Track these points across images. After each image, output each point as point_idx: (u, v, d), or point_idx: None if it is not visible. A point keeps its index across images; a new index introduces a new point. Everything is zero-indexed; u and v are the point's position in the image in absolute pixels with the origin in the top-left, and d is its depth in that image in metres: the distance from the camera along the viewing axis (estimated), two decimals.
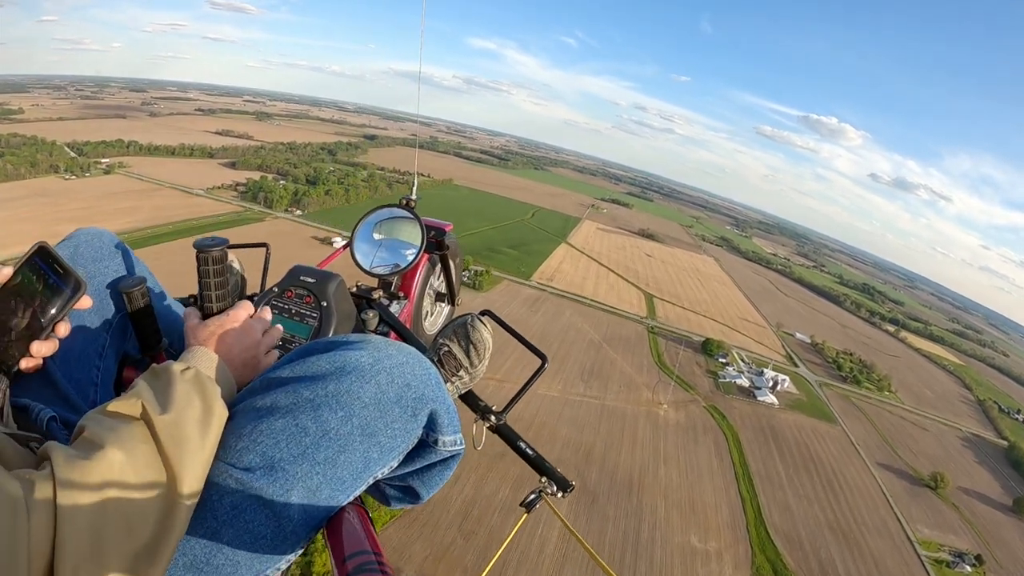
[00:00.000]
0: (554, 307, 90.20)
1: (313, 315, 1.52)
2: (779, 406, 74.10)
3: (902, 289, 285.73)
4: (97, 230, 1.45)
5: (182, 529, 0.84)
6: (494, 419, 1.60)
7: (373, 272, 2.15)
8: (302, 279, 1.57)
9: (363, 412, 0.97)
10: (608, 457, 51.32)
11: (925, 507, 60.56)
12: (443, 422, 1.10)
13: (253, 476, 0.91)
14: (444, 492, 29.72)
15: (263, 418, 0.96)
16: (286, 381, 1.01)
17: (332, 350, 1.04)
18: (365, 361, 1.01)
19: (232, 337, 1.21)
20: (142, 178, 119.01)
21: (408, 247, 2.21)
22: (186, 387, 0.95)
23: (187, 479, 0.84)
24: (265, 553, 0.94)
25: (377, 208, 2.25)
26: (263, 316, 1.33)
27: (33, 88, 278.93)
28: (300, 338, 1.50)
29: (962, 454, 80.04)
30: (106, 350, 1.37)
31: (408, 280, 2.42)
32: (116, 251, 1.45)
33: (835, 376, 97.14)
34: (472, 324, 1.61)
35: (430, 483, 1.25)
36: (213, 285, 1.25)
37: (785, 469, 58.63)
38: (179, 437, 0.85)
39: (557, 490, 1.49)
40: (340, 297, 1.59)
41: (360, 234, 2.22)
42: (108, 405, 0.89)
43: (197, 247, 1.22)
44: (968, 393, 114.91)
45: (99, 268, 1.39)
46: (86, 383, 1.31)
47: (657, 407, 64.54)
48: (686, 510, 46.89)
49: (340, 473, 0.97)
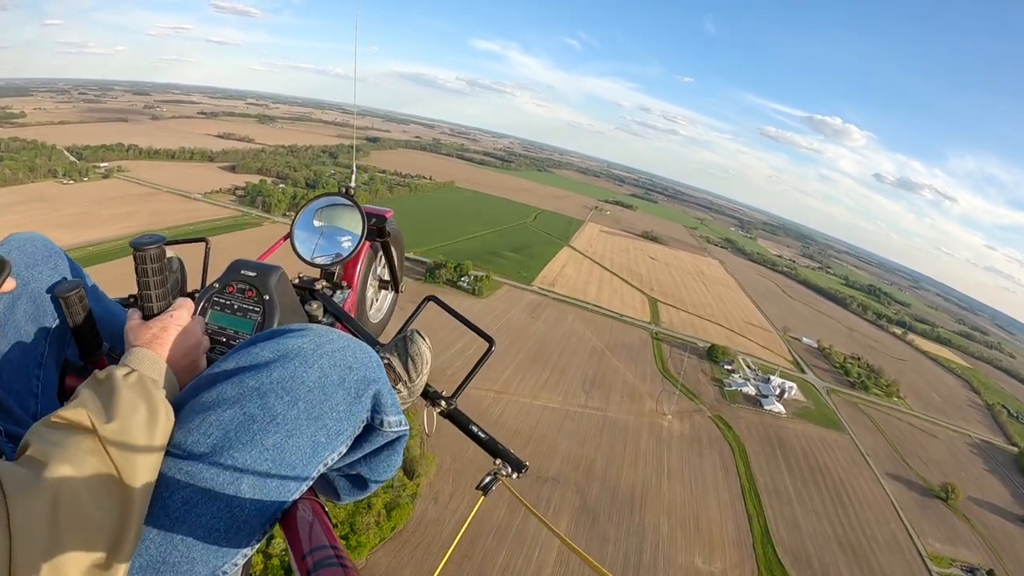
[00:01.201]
0: (556, 313, 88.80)
1: (256, 309, 1.49)
2: (786, 415, 72.52)
3: (907, 290, 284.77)
4: (29, 234, 1.41)
5: (137, 535, 0.84)
6: (444, 404, 1.65)
7: (314, 262, 2.13)
8: (243, 273, 1.53)
9: (308, 396, 0.98)
10: (609, 472, 49.80)
11: (936, 519, 59.05)
12: (387, 403, 1.12)
13: (203, 467, 0.91)
14: (437, 513, 28.23)
15: (210, 410, 0.96)
16: (231, 373, 1.01)
17: (274, 338, 1.06)
18: (307, 346, 1.02)
19: (173, 338, 1.20)
20: (140, 182, 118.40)
21: (349, 235, 2.18)
22: (130, 392, 0.94)
23: (139, 486, 0.84)
24: (221, 547, 0.93)
25: (316, 196, 2.23)
26: (202, 317, 1.36)
27: (36, 92, 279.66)
28: (244, 333, 1.48)
29: (972, 462, 78.56)
30: (45, 359, 1.35)
31: (350, 269, 2.42)
32: (50, 255, 1.41)
33: (843, 382, 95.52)
34: (411, 338, 1.63)
35: (378, 469, 1.25)
36: (152, 284, 1.23)
37: (793, 482, 57.09)
38: (126, 444, 0.85)
39: (512, 471, 1.53)
40: (282, 289, 1.56)
41: (300, 223, 2.18)
42: (52, 417, 0.87)
43: (133, 246, 1.21)
44: (976, 397, 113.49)
45: (33, 274, 1.36)
46: (27, 394, 1.30)
47: (661, 418, 63.06)
48: (690, 528, 45.38)
49: (290, 458, 0.97)
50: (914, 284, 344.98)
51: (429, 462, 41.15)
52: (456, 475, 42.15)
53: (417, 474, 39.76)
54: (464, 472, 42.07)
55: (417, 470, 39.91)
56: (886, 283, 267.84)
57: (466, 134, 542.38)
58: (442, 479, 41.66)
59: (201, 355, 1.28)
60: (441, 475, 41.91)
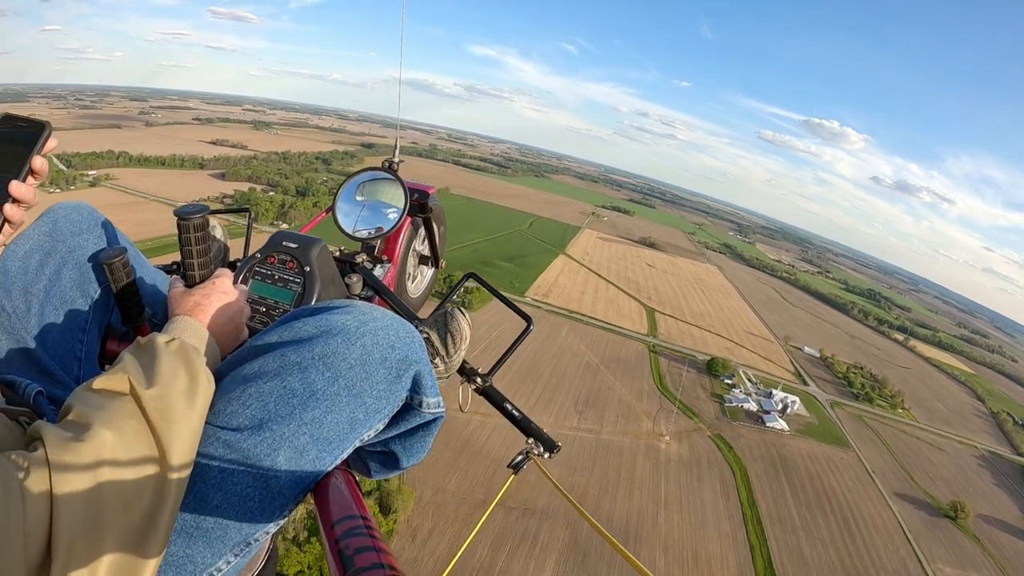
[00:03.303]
0: (549, 326, 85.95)
1: (296, 280, 1.51)
2: (789, 432, 69.99)
3: (907, 293, 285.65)
4: (76, 203, 1.43)
5: (177, 501, 0.85)
6: (480, 381, 1.68)
7: (355, 236, 2.15)
8: (284, 244, 1.55)
9: (349, 373, 0.99)
10: (602, 503, 46.84)
11: (945, 542, 56.95)
12: (427, 384, 1.12)
13: (241, 437, 0.93)
14: (415, 552, 25.37)
15: (251, 382, 0.98)
16: (273, 346, 1.02)
17: (318, 314, 1.05)
18: (351, 324, 1.02)
19: (216, 306, 1.23)
20: (128, 191, 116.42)
21: (391, 209, 2.21)
22: (171, 359, 0.95)
23: (177, 452, 0.85)
24: (253, 516, 0.95)
25: (360, 171, 2.27)
26: (243, 285, 1.38)
27: (33, 97, 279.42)
28: (284, 304, 1.49)
29: (979, 475, 76.88)
30: (89, 324, 1.37)
31: (391, 243, 2.45)
32: (96, 224, 1.43)
33: (846, 393, 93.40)
34: (452, 314, 1.64)
35: (412, 449, 1.26)
36: (195, 253, 1.27)
37: (797, 507, 54.39)
38: (166, 410, 0.86)
39: (544, 451, 1.57)
40: (323, 262, 1.58)
41: (343, 196, 2.21)
42: (94, 381, 0.89)
43: (178, 215, 1.24)
44: (981, 405, 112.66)
45: (79, 242, 1.38)
46: (70, 358, 1.33)
47: (658, 439, 60.26)
48: (689, 564, 42.62)
49: (327, 433, 0.98)
50: (913, 287, 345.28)
51: (407, 496, 38.05)
52: (437, 509, 39.39)
53: (393, 509, 36.61)
54: (445, 506, 39.37)
55: (393, 505, 36.78)
56: (885, 286, 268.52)
57: (463, 139, 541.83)
58: (421, 514, 38.79)
59: (243, 323, 1.31)
60: (420, 510, 39.04)
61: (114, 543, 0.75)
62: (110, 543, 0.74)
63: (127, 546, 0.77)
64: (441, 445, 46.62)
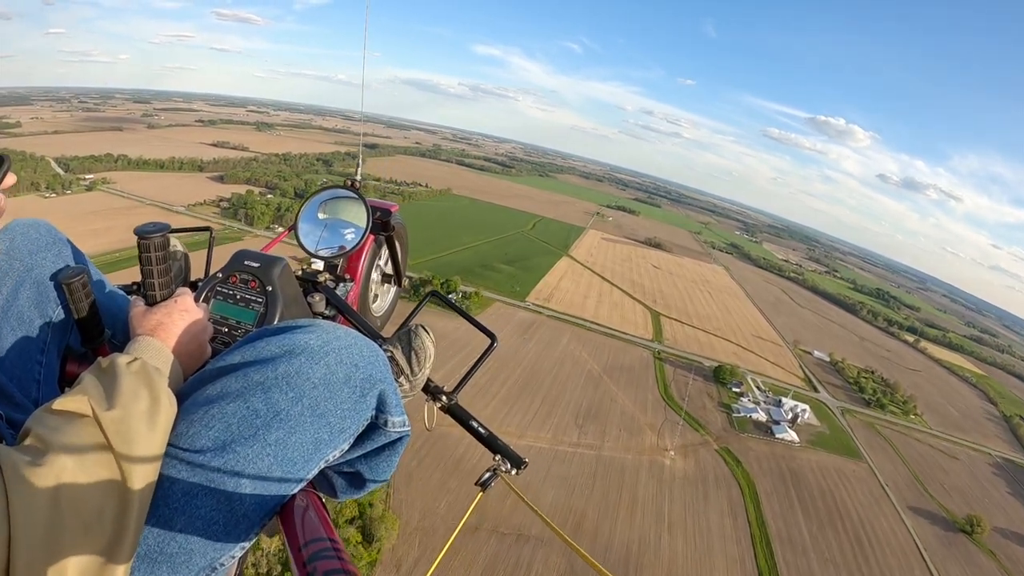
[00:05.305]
0: (550, 333, 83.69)
1: (258, 300, 1.49)
2: (799, 444, 67.56)
3: (915, 291, 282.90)
4: (33, 221, 1.41)
5: (140, 525, 0.84)
6: (445, 399, 1.67)
7: (318, 254, 2.13)
8: (246, 264, 1.53)
9: (313, 392, 0.98)
10: (602, 527, 44.53)
11: (961, 559, 54.67)
12: (391, 403, 1.11)
13: (204, 459, 0.91)
14: None
15: (214, 403, 0.96)
16: (236, 367, 1.01)
17: (281, 334, 1.04)
18: (314, 343, 1.01)
19: (179, 325, 1.21)
20: (123, 195, 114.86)
21: (353, 228, 2.19)
22: (133, 380, 0.94)
23: (139, 475, 0.83)
24: (218, 540, 0.93)
25: (322, 189, 2.24)
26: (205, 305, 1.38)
27: (37, 100, 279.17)
28: (246, 324, 1.47)
29: (994, 485, 74.59)
30: (48, 345, 1.35)
31: (354, 262, 2.45)
32: (54, 242, 1.41)
33: (857, 400, 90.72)
34: (415, 332, 1.65)
35: (377, 468, 1.25)
36: (156, 272, 1.24)
37: (808, 526, 51.99)
38: (127, 433, 0.85)
39: (511, 467, 1.55)
40: (285, 281, 1.57)
41: (304, 215, 2.19)
42: (54, 403, 0.87)
43: (138, 233, 1.21)
44: (993, 408, 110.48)
45: (37, 260, 1.35)
46: (28, 380, 1.30)
47: (662, 455, 57.89)
48: None
49: (291, 454, 0.97)
50: (921, 285, 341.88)
51: (391, 524, 35.71)
52: (424, 536, 37.23)
53: (377, 538, 34.31)
54: (434, 532, 37.26)
55: (377, 533, 34.54)
56: (893, 285, 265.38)
57: (468, 139, 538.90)
58: (407, 543, 36.59)
59: (206, 342, 1.29)
60: (406, 538, 36.84)
61: (75, 569, 0.73)
62: (71, 569, 0.73)
63: (89, 572, 0.75)
64: (431, 466, 44.69)
